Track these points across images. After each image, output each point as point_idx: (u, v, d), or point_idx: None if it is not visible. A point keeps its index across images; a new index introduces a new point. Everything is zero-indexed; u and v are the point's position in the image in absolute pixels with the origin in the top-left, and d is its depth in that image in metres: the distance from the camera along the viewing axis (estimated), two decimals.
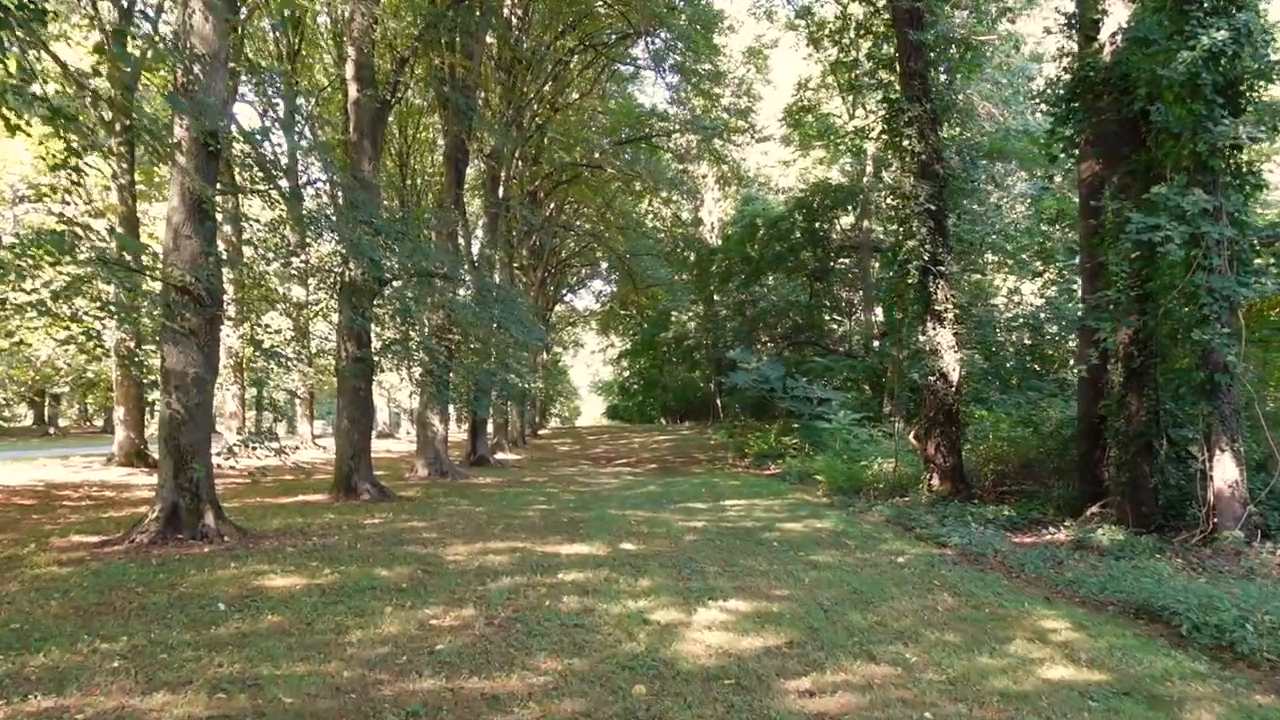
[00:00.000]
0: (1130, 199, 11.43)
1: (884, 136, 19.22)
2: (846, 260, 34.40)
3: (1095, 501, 13.18)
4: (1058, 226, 18.36)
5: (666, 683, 5.36)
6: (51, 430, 48.60)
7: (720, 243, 40.83)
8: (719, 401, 48.52)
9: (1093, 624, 7.32)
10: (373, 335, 17.26)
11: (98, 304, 10.95)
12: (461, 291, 20.03)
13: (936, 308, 16.71)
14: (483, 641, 6.15)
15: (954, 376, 16.66)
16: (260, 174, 11.36)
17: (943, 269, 16.77)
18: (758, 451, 30.18)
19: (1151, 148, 11.40)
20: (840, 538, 12.40)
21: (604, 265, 50.75)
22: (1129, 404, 12.01)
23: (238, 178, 11.62)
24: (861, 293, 37.32)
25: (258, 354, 13.35)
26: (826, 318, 36.68)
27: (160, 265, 10.39)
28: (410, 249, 13.01)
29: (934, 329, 16.74)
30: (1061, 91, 13.54)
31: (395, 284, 15.05)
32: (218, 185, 10.86)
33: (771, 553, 10.90)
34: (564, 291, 53.51)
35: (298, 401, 37.59)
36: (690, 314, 42.46)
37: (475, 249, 28.97)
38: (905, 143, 17.31)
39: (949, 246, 17.09)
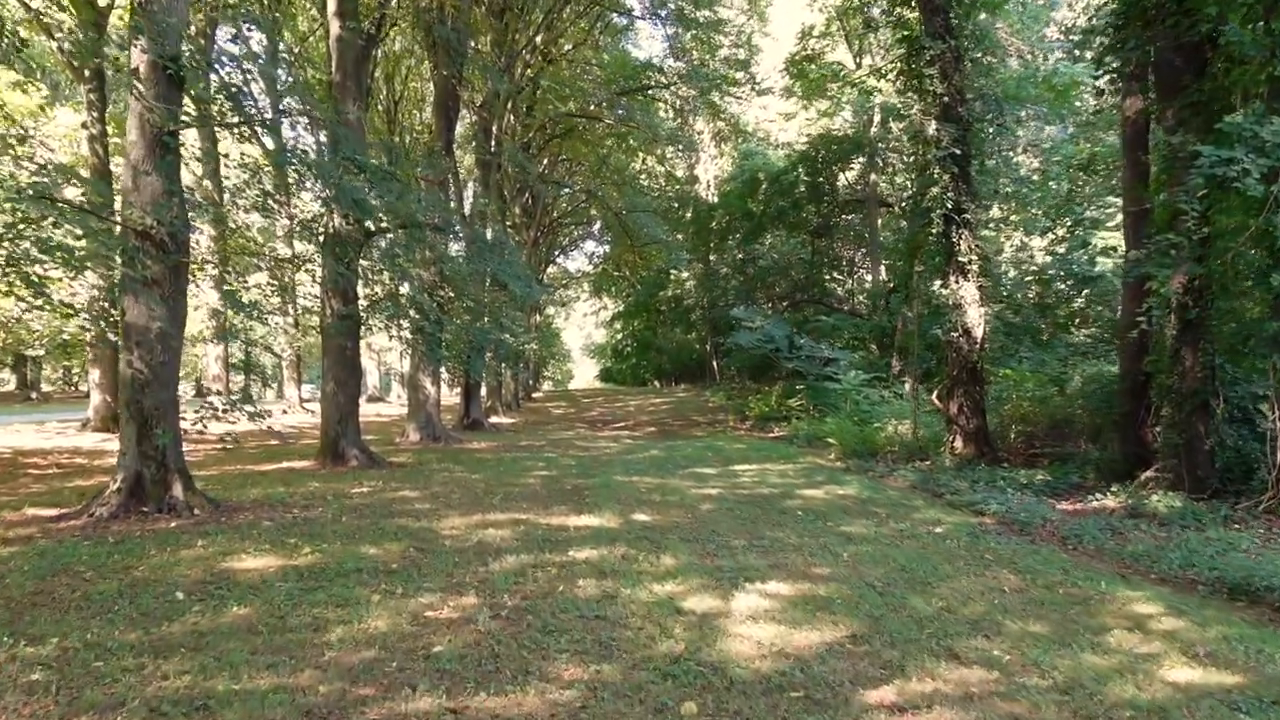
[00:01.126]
0: (1192, 133, 10.35)
1: (901, 78, 18.06)
2: (851, 216, 33.28)
3: (1139, 465, 12.27)
4: (1085, 175, 17.23)
5: (720, 696, 4.34)
6: (33, 395, 47.30)
7: (718, 200, 39.49)
8: (715, 364, 47.55)
9: (1189, 608, 6.35)
10: (359, 291, 16.18)
11: (57, 254, 9.75)
12: (455, 247, 18.93)
13: (960, 259, 15.67)
14: (489, 641, 5.13)
15: (977, 332, 15.68)
16: (230, 105, 10.13)
17: (967, 218, 15.73)
18: (759, 414, 29.28)
19: (1218, 75, 10.30)
20: (867, 505, 11.46)
21: (597, 225, 49.54)
22: (1183, 359, 11.03)
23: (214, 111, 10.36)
24: (863, 250, 36.32)
25: (238, 311, 12.16)
26: (829, 276, 35.53)
27: (123, 210, 9.24)
28: (399, 190, 11.82)
29: (957, 282, 15.73)
30: (1109, 19, 12.39)
31: (387, 236, 13.87)
32: (183, 119, 9.68)
33: (798, 523, 9.94)
34: (556, 253, 52.19)
35: (284, 364, 36.42)
36: (689, 273, 41.17)
37: (467, 208, 27.77)
38: (926, 84, 16.20)
39: (973, 194, 16.02)
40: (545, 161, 36.93)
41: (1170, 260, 10.63)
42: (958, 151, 15.53)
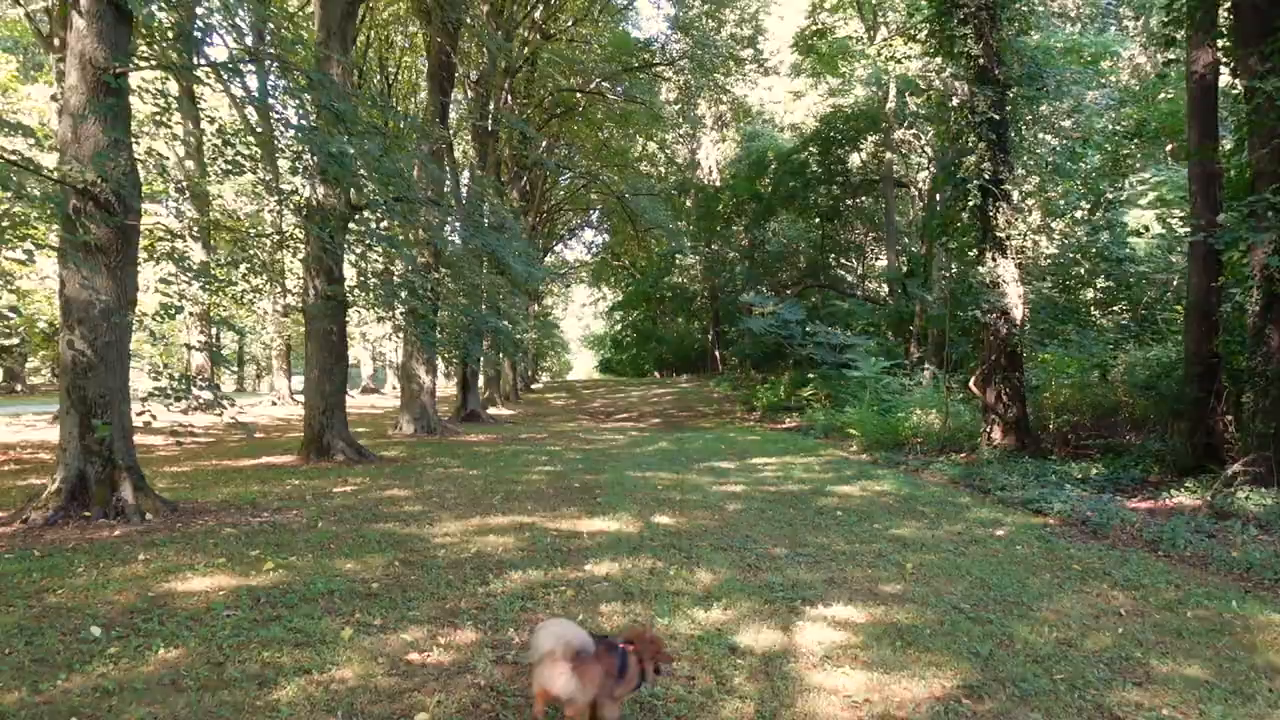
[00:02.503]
0: None
1: (931, 39, 16.74)
2: (864, 199, 31.98)
3: (1209, 457, 11.04)
4: (1134, 142, 15.92)
5: None
6: (18, 387, 45.92)
7: (724, 182, 38.13)
8: (718, 353, 46.34)
9: None
10: (347, 271, 14.91)
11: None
12: (455, 240, 17.59)
13: (998, 234, 14.41)
14: (490, 700, 3.86)
15: (1017, 313, 14.43)
16: (183, 43, 8.80)
17: (1006, 189, 14.47)
18: (767, 404, 28.08)
19: None
20: (911, 504, 10.24)
21: (597, 213, 48.20)
22: (1268, 339, 9.76)
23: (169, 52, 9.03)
24: (872, 235, 35.03)
25: (195, 280, 10.80)
26: (840, 260, 34.22)
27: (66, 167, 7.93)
28: (382, 146, 10.48)
29: (994, 259, 14.46)
30: None
31: (380, 208, 12.56)
32: (133, 61, 8.36)
33: (840, 525, 8.71)
34: (555, 242, 50.80)
35: (274, 354, 35.08)
36: (695, 258, 39.79)
37: (465, 193, 26.42)
38: (958, 45, 14.91)
39: (1010, 165, 14.75)
40: (544, 144, 35.62)
41: (1255, 227, 9.37)
42: (996, 117, 14.26)
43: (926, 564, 6.98)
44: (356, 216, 13.67)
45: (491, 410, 28.20)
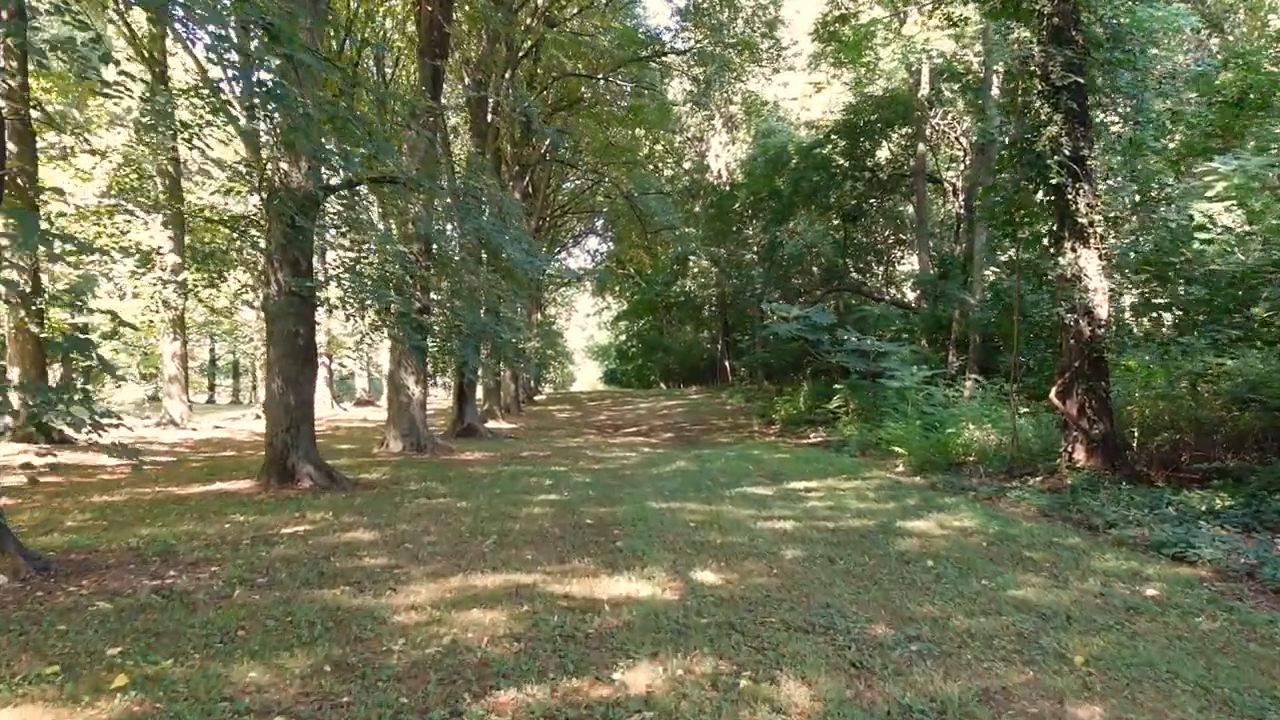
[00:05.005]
0: None
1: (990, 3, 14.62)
2: (892, 197, 29.83)
3: None
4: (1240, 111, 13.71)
5: None
6: None
7: (739, 180, 35.95)
8: (728, 363, 44.22)
9: None
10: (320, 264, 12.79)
11: None
12: (449, 230, 15.49)
13: (1079, 220, 12.27)
14: None
15: (1101, 312, 12.28)
16: None
17: (1090, 167, 12.37)
18: (786, 417, 25.94)
19: None
20: (1009, 546, 8.11)
21: (601, 218, 46.21)
22: None
23: None
24: (894, 235, 32.85)
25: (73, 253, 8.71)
26: (865, 262, 32.04)
27: None
28: (351, 109, 8.34)
29: (1075, 249, 12.33)
30: None
31: (350, 167, 10.42)
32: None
33: (940, 582, 6.59)
34: (558, 250, 48.67)
35: (258, 361, 32.93)
36: (709, 260, 37.54)
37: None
38: (1028, 3, 12.90)
39: (1091, 140, 12.63)
40: (547, 142, 33.52)
41: None
42: (1080, 80, 12.15)
43: (1100, 656, 4.84)
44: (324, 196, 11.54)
45: (491, 424, 26.02)
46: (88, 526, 8.29)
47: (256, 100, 8.02)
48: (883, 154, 28.67)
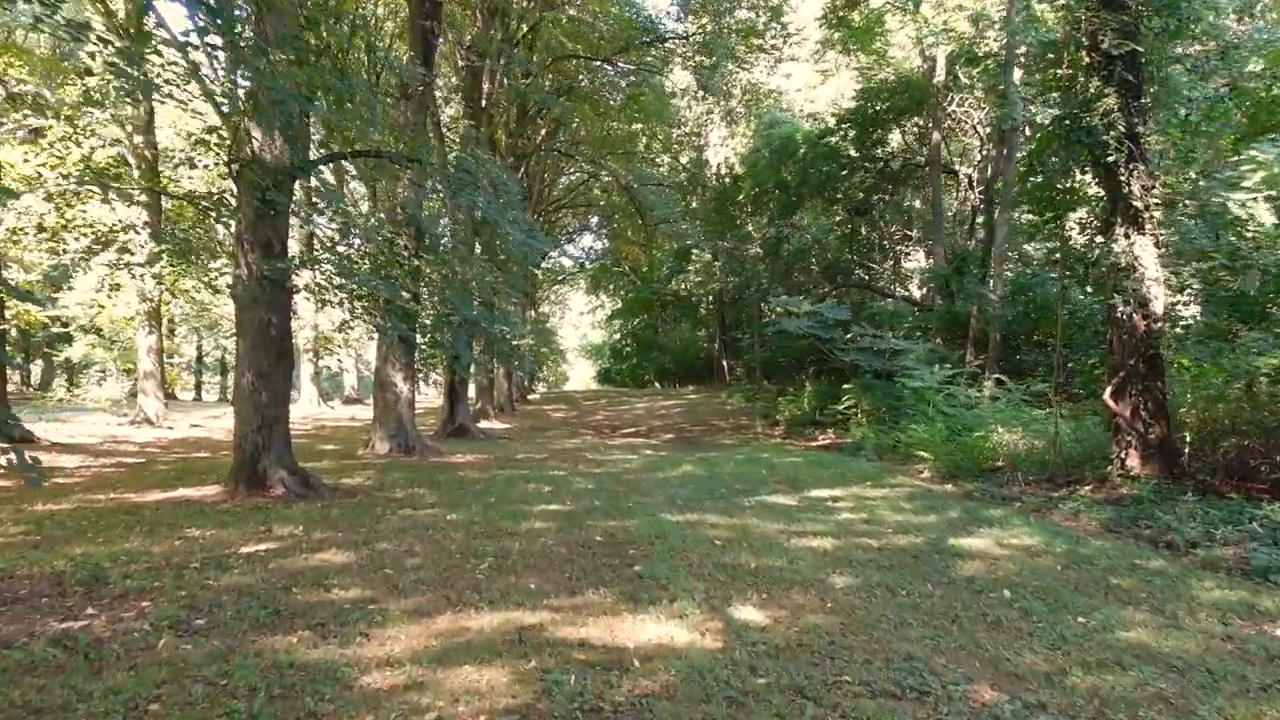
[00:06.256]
0: None
1: None
2: (902, 190, 28.67)
3: None
4: None
5: None
6: None
7: (743, 171, 34.72)
8: (725, 362, 43.07)
9: None
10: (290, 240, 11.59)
11: None
12: (441, 214, 14.30)
13: (1133, 203, 11.13)
14: None
15: (1157, 305, 11.17)
16: None
17: (1144, 146, 11.25)
18: (790, 418, 24.78)
19: None
20: (1087, 570, 7.02)
21: (596, 215, 44.96)
22: None
23: None
24: (903, 229, 31.67)
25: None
26: (874, 256, 30.85)
27: None
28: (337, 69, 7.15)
29: (1128, 235, 11.20)
30: None
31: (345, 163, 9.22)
32: None
33: (1029, 620, 5.55)
34: (553, 247, 47.33)
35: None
36: (711, 254, 36.25)
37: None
38: None
39: (1144, 116, 11.49)
40: (544, 133, 32.28)
41: None
42: (1138, 48, 11.02)
43: None
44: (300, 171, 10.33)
45: (483, 424, 24.77)
46: (14, 543, 7.08)
47: (219, 46, 6.80)
48: (894, 140, 27.49)
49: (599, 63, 27.48)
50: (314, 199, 10.06)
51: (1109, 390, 11.33)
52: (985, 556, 7.42)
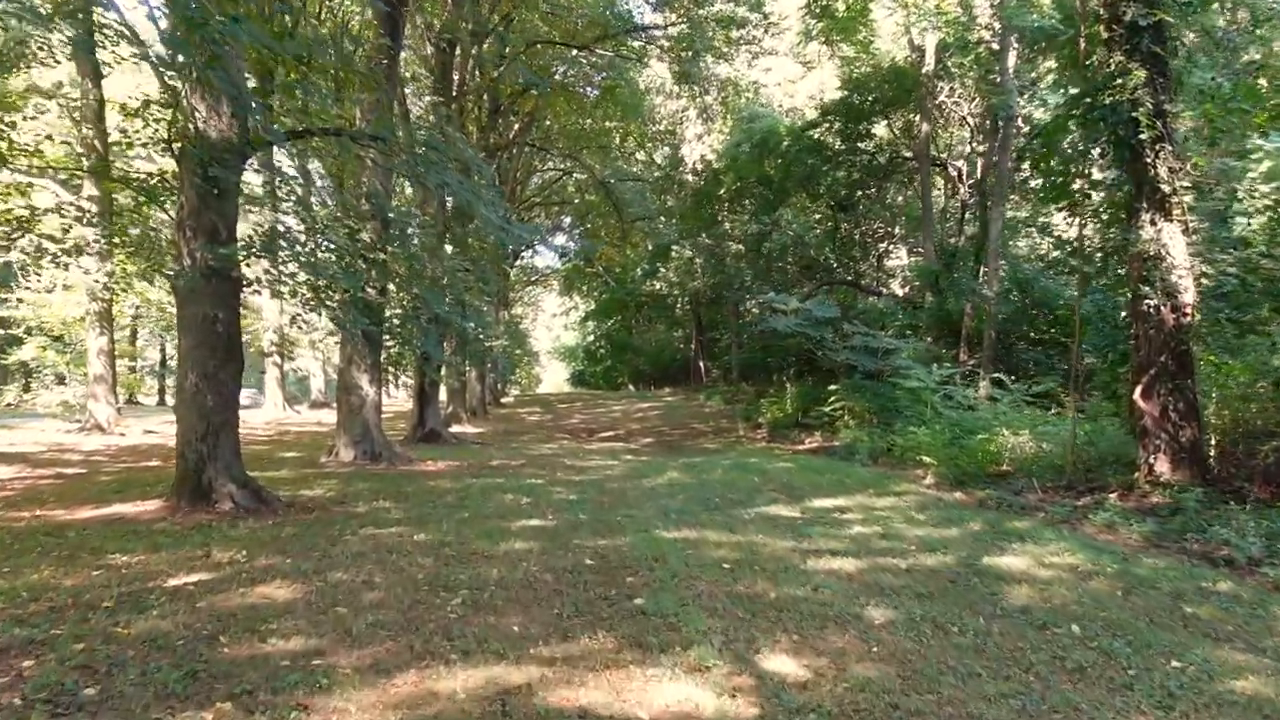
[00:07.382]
0: None
1: None
2: (887, 184, 27.85)
3: None
4: None
5: None
6: None
7: (724, 164, 33.80)
8: (702, 364, 42.17)
9: None
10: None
11: None
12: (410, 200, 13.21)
13: (1160, 188, 10.29)
14: None
15: (1187, 297, 10.35)
16: None
17: (1173, 127, 10.43)
18: (774, 420, 23.88)
19: None
20: (1155, 596, 6.14)
21: (571, 214, 43.81)
22: None
23: None
24: (888, 226, 30.90)
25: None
26: (852, 255, 30.02)
27: None
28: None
29: (1155, 222, 10.36)
30: None
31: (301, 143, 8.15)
32: None
33: (1114, 668, 4.68)
34: (524, 248, 46.06)
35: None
36: (691, 251, 35.26)
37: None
38: None
39: (1171, 93, 10.66)
40: (517, 127, 31.18)
41: None
42: (1169, 19, 10.18)
43: None
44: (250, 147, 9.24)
45: (455, 428, 23.63)
46: None
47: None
48: (880, 133, 26.64)
49: (575, 50, 26.38)
50: (274, 186, 8.87)
51: (1138, 390, 10.46)
52: (1032, 580, 6.49)
